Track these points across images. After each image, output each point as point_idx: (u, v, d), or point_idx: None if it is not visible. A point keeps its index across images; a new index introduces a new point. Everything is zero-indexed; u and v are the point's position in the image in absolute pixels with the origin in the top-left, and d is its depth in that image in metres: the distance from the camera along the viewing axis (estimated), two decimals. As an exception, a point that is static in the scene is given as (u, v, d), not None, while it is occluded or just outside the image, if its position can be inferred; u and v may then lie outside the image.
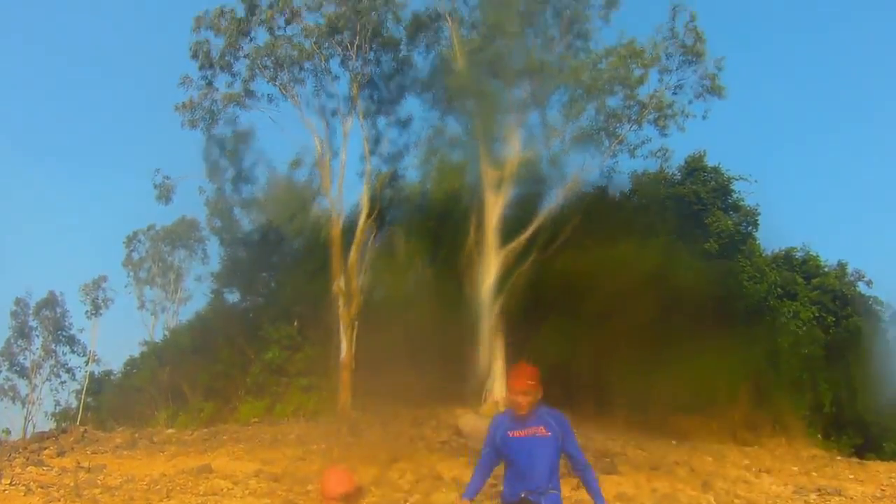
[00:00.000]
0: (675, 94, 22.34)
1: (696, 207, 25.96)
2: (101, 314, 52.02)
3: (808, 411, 23.99)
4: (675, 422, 21.52)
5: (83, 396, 45.58)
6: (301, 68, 24.82)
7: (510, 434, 4.62)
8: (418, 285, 21.71)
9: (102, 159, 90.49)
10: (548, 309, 21.49)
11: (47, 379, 52.09)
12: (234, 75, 25.00)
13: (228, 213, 26.14)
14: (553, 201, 21.99)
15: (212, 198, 25.73)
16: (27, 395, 51.71)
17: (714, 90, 22.17)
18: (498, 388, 19.97)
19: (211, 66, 24.77)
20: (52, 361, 52.43)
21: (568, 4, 22.75)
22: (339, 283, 22.44)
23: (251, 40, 24.71)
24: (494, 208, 21.19)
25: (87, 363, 50.54)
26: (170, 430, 21.98)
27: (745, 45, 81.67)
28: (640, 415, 21.52)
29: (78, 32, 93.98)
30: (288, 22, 24.56)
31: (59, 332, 52.50)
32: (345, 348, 21.92)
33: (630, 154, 22.88)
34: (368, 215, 23.36)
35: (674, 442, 20.16)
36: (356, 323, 22.39)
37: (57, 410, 49.56)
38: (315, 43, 24.50)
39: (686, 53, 22.08)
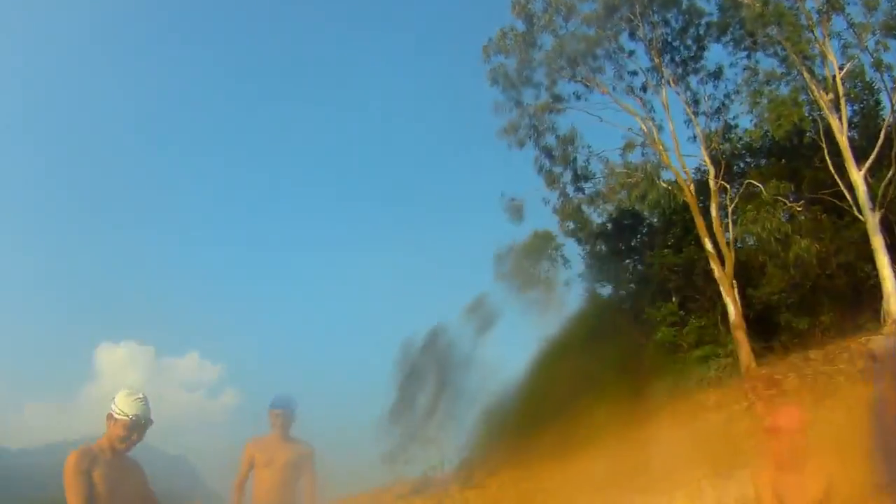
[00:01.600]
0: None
1: None
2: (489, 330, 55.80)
3: None
4: None
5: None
6: (594, 57, 25.22)
7: None
8: (789, 225, 20.85)
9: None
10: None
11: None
12: (536, 86, 25.88)
13: (578, 212, 26.93)
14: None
15: (558, 204, 26.76)
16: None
17: None
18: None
19: (513, 86, 25.90)
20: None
21: None
22: (707, 247, 22.15)
23: (539, 48, 25.50)
24: (840, 128, 20.05)
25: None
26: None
27: None
28: None
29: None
30: (566, 19, 25.01)
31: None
32: (732, 308, 21.40)
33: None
34: (715, 174, 22.89)
35: None
36: (735, 281, 22.00)
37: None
38: (599, 27, 24.76)
39: None
